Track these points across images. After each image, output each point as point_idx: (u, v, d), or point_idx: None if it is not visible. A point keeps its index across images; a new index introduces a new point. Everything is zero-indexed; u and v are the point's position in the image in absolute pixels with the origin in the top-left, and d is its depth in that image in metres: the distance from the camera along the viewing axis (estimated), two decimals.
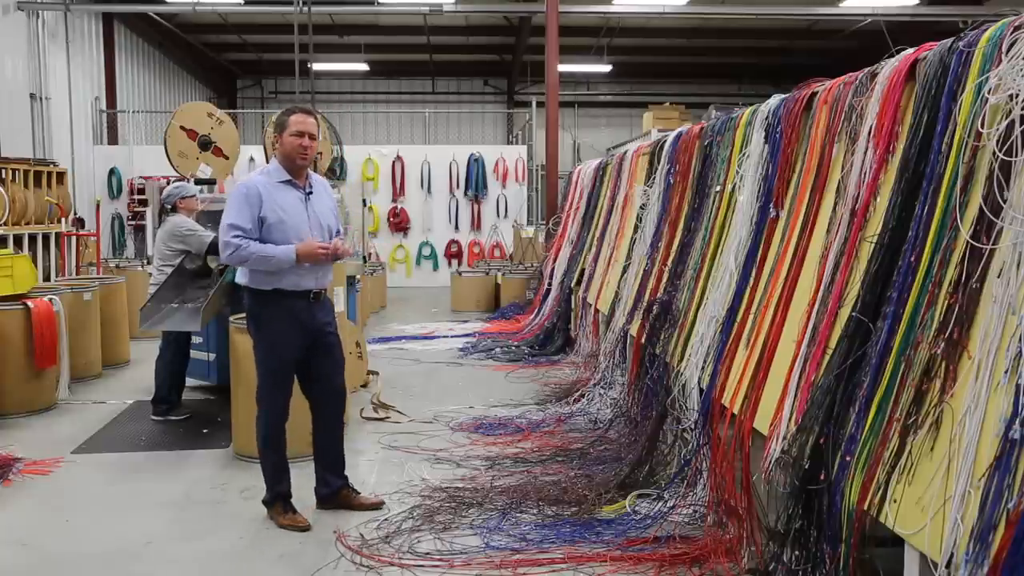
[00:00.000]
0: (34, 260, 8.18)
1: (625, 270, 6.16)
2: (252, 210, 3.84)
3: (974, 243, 2.32)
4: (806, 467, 2.79)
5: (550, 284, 9.58)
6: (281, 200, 3.91)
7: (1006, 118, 2.27)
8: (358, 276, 7.37)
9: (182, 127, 8.31)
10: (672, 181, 5.48)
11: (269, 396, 4.01)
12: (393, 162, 15.15)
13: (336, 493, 4.19)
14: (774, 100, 3.98)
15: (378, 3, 14.46)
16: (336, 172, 12.56)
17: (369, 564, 3.52)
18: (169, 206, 6.16)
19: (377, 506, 4.16)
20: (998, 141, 2.28)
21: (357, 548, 3.66)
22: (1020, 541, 1.87)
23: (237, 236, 3.81)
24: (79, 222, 11.69)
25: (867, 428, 2.56)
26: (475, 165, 15.29)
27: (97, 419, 5.97)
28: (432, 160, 15.24)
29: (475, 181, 15.28)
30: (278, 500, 4.04)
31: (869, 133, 3.01)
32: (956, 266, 2.38)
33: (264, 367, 3.99)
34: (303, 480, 4.51)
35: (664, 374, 4.57)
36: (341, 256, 4.08)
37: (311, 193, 4.03)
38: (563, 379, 7.10)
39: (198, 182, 8.11)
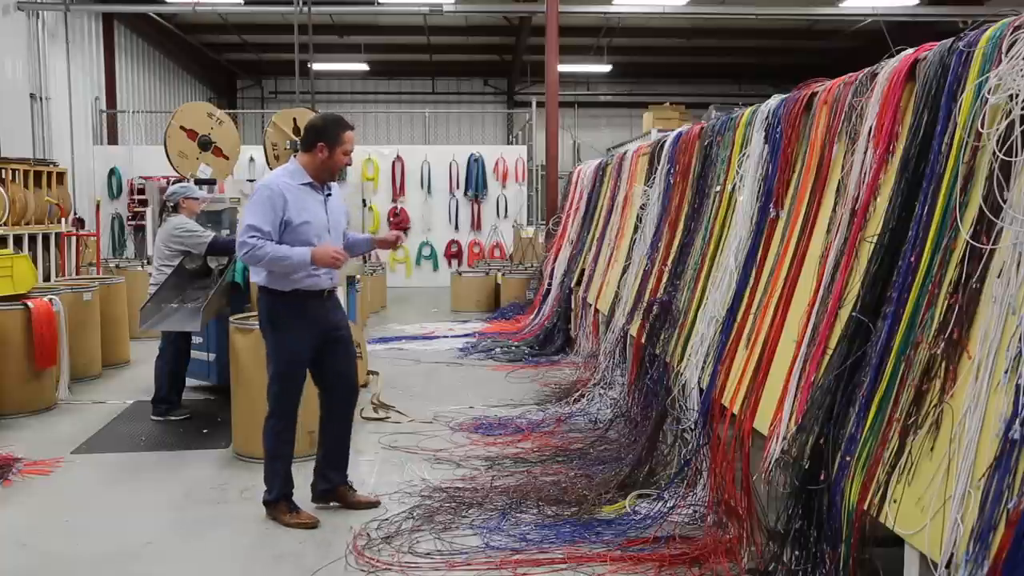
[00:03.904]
0: (34, 260, 8.19)
1: (625, 270, 6.16)
2: (274, 212, 3.87)
3: (974, 243, 2.32)
4: (806, 467, 2.79)
5: (550, 284, 9.58)
6: (304, 202, 3.95)
7: (1006, 118, 2.27)
8: (358, 276, 7.37)
9: (182, 127, 8.30)
10: (672, 181, 5.48)
11: (283, 395, 4.03)
12: (393, 162, 15.14)
13: (334, 490, 4.21)
14: (774, 100, 3.98)
15: (378, 3, 14.45)
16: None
17: (369, 564, 3.52)
18: (171, 205, 6.15)
19: (374, 505, 4.17)
20: (998, 141, 2.28)
21: (357, 548, 3.66)
22: (1020, 541, 1.87)
23: (254, 237, 3.83)
24: (79, 222, 11.69)
25: (867, 428, 2.56)
26: (475, 165, 15.29)
27: (97, 419, 5.96)
28: (432, 160, 15.24)
29: (475, 181, 15.28)
30: (283, 500, 4.05)
31: (869, 133, 3.01)
32: (956, 266, 2.38)
33: (278, 367, 4.01)
34: (301, 480, 4.52)
35: (664, 374, 4.57)
36: (395, 245, 4.29)
37: (329, 196, 4.08)
38: (563, 379, 7.10)
39: (198, 182, 8.10)
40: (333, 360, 4.11)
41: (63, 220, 9.67)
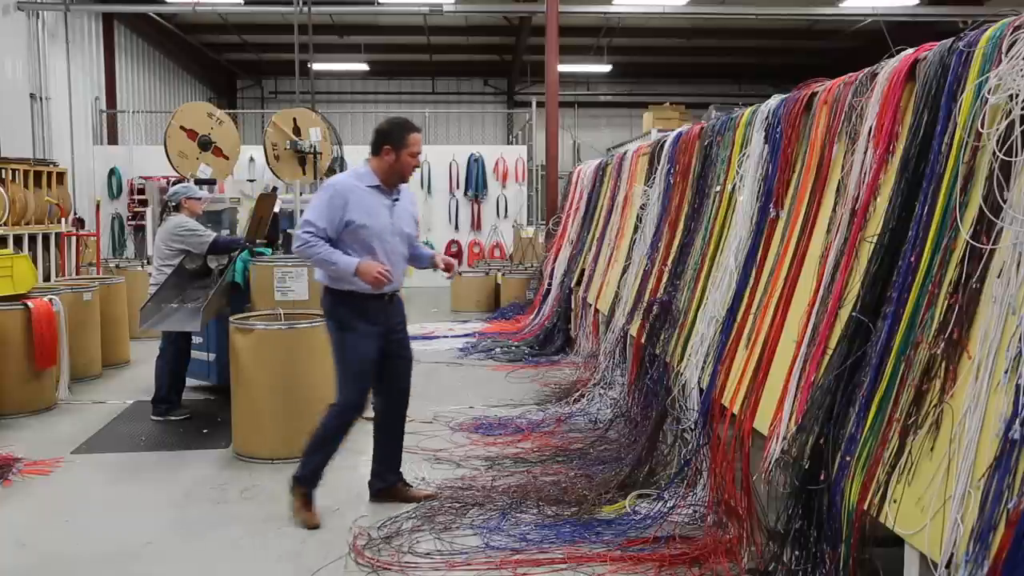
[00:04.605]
0: (34, 260, 8.19)
1: (625, 270, 6.16)
2: (332, 212, 3.91)
3: (974, 243, 2.32)
4: (806, 467, 2.79)
5: (550, 284, 9.57)
6: (368, 205, 3.97)
7: (1006, 118, 2.26)
8: None
9: (182, 127, 8.30)
10: (672, 181, 5.48)
11: (349, 392, 4.06)
12: None
13: (391, 488, 4.26)
14: (774, 100, 3.98)
15: (378, 3, 14.45)
16: (336, 172, 12.54)
17: (369, 564, 3.51)
18: (173, 204, 6.15)
19: (431, 497, 4.20)
20: (998, 141, 2.28)
21: (358, 548, 3.66)
22: (1020, 541, 1.87)
23: (309, 233, 3.89)
24: (79, 222, 11.69)
25: (867, 428, 2.56)
26: (475, 165, 15.28)
27: (97, 419, 5.96)
28: (432, 160, 15.23)
29: (475, 181, 15.27)
30: (311, 487, 4.06)
31: (869, 133, 3.01)
32: (956, 266, 2.38)
33: (343, 366, 4.05)
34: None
35: (664, 374, 4.57)
36: (448, 271, 4.24)
37: (397, 200, 4.09)
38: (563, 379, 7.10)
39: (198, 182, 8.10)
40: (388, 362, 4.15)
41: (63, 220, 9.67)
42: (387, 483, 4.27)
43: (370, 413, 6.09)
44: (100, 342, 7.41)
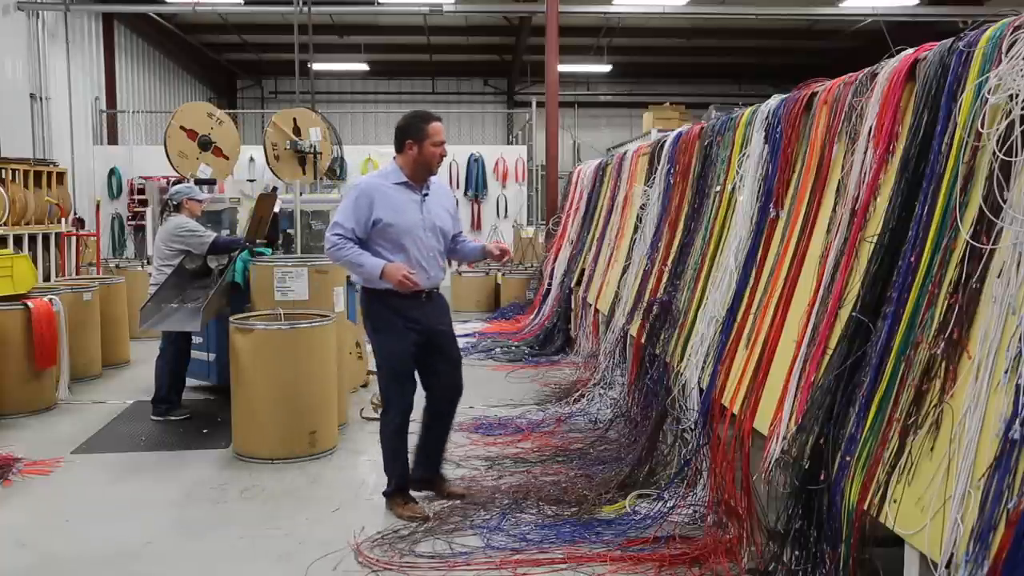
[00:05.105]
0: (34, 260, 8.19)
1: (625, 270, 6.16)
2: (359, 212, 3.93)
3: (974, 243, 2.32)
4: (806, 467, 2.78)
5: (550, 284, 9.57)
6: (395, 201, 3.97)
7: (1006, 118, 2.26)
8: None
9: (182, 127, 8.30)
10: (672, 181, 5.48)
11: (394, 393, 4.09)
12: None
13: (431, 479, 4.30)
14: (774, 100, 3.98)
15: (378, 3, 14.44)
16: (336, 172, 12.55)
17: (370, 564, 3.51)
18: (174, 204, 6.15)
19: (462, 496, 4.22)
20: (998, 141, 2.28)
21: (358, 548, 3.66)
22: (1020, 541, 1.87)
23: (337, 235, 3.93)
24: (79, 222, 11.69)
25: (867, 428, 2.56)
26: (475, 165, 15.27)
27: (97, 419, 5.96)
28: None
29: (475, 181, 15.26)
30: (398, 492, 4.12)
31: (869, 133, 3.01)
32: (956, 266, 2.38)
33: (385, 366, 4.09)
34: (302, 480, 4.54)
35: (664, 374, 4.57)
36: (501, 259, 4.23)
37: (427, 195, 4.08)
38: (563, 379, 7.10)
39: (198, 182, 8.10)
40: (431, 360, 4.16)
41: (63, 220, 9.67)
42: (428, 473, 4.29)
43: (369, 412, 6.07)
44: (100, 342, 7.41)
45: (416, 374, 4.16)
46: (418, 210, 4.02)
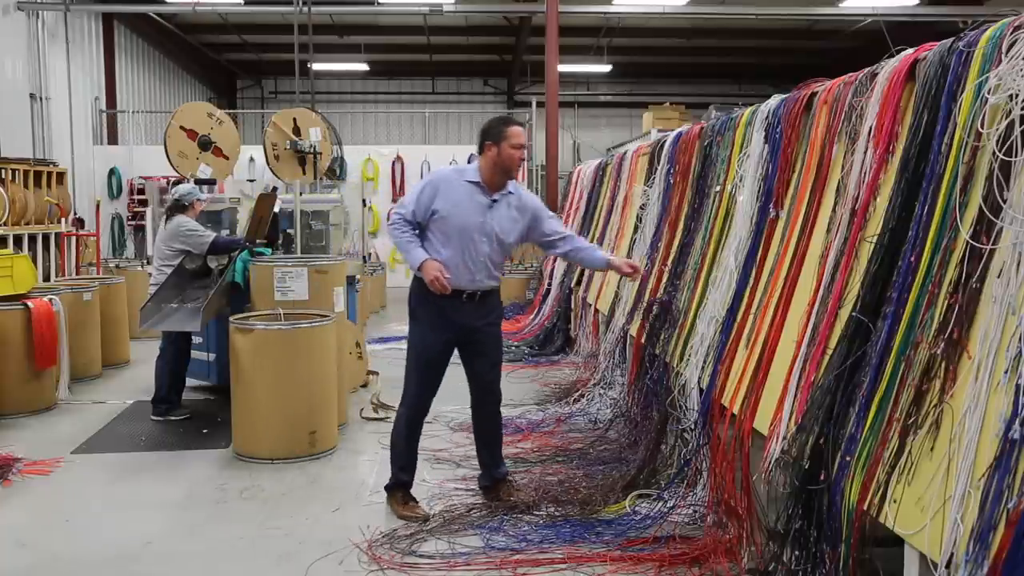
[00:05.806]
0: (34, 260, 8.19)
1: None
2: (422, 198, 3.99)
3: (974, 243, 2.32)
4: (806, 467, 2.79)
5: (550, 284, 9.58)
6: (457, 197, 3.99)
7: (1006, 118, 2.26)
8: (358, 276, 7.36)
9: (182, 127, 8.29)
10: (672, 181, 5.48)
11: (412, 387, 4.13)
12: (393, 162, 15.11)
13: (493, 486, 4.27)
14: (774, 100, 3.98)
15: (378, 3, 14.45)
16: (336, 172, 12.55)
17: (370, 564, 3.51)
18: (186, 204, 6.14)
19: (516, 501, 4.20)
20: (998, 141, 2.28)
21: (359, 548, 3.66)
22: (1020, 541, 1.87)
23: (399, 215, 4.01)
24: (79, 222, 11.69)
25: (867, 428, 2.56)
26: None
27: (97, 419, 5.96)
28: (432, 160, 15.21)
29: None
30: (399, 489, 4.13)
31: (869, 133, 3.01)
32: (956, 266, 2.38)
33: (411, 358, 4.12)
34: (302, 480, 4.53)
35: (664, 374, 4.57)
36: (631, 276, 4.27)
37: (496, 202, 4.04)
38: (563, 379, 7.10)
39: (198, 182, 8.09)
40: (471, 361, 4.20)
41: (63, 220, 9.67)
42: (490, 479, 4.28)
43: (369, 412, 6.07)
44: (100, 342, 7.41)
45: (442, 376, 4.18)
46: (480, 213, 3.99)
